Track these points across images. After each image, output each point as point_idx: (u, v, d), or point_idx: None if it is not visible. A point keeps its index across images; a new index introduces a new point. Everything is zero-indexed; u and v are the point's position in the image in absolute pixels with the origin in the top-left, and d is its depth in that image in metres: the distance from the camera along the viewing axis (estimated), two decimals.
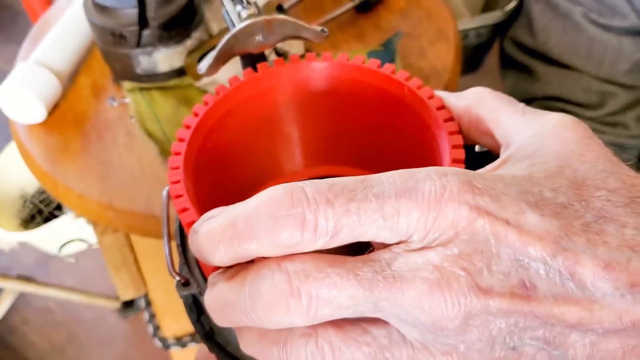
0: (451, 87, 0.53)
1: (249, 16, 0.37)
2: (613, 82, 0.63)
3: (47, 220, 0.69)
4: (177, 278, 0.34)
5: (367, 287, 0.22)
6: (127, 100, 0.53)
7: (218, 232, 0.24)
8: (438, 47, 0.56)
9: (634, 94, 0.65)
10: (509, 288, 0.22)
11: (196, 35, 0.52)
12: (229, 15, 0.40)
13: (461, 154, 0.32)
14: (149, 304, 0.71)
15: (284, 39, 0.38)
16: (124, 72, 0.53)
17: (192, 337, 0.62)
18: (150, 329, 0.65)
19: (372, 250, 0.25)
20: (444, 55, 0.55)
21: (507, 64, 0.73)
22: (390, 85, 0.37)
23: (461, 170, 0.24)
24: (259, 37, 0.37)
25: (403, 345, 0.23)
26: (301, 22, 0.38)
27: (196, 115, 0.36)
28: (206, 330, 0.36)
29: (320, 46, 0.57)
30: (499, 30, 0.71)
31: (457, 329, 0.22)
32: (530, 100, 0.70)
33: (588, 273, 0.21)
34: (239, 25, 0.36)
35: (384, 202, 0.22)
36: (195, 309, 0.36)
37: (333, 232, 0.22)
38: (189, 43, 0.52)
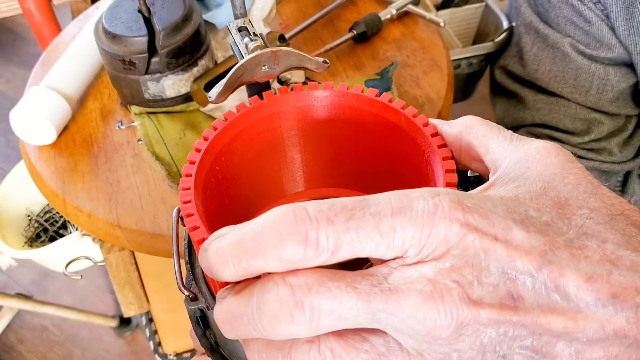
0: (444, 114, 0.56)
1: (256, 47, 0.40)
2: (599, 110, 0.66)
3: (52, 239, 0.70)
4: (186, 293, 0.36)
5: (365, 299, 0.24)
6: (135, 123, 0.56)
7: (227, 250, 0.26)
8: (432, 76, 0.59)
9: (618, 122, 0.67)
10: (498, 299, 0.24)
11: (202, 63, 0.55)
12: (236, 45, 0.42)
13: (454, 177, 0.35)
14: (150, 320, 0.73)
15: (289, 69, 0.41)
16: (132, 97, 0.55)
17: (192, 354, 0.63)
18: (152, 345, 0.67)
19: (370, 266, 0.27)
20: (437, 84, 0.58)
21: (498, 91, 0.76)
22: (387, 113, 0.39)
23: (452, 191, 0.26)
24: (265, 67, 0.40)
25: (400, 353, 0.26)
26: (305, 54, 0.40)
27: (206, 139, 0.38)
28: (211, 343, 0.37)
29: (320, 75, 0.60)
30: (490, 60, 0.74)
31: (450, 338, 0.24)
32: (519, 126, 0.72)
33: (572, 285, 0.23)
34: (247, 57, 0.39)
35: (381, 220, 0.25)
36: (202, 323, 0.38)
37: (334, 249, 0.25)
38: (196, 70, 0.54)
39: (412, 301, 0.24)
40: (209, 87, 0.54)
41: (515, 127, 0.73)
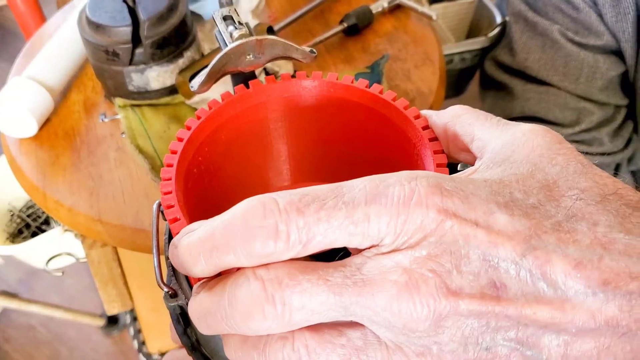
0: (436, 108, 0.55)
1: (241, 36, 0.38)
2: (589, 99, 0.65)
3: (34, 234, 0.69)
4: (165, 289, 0.35)
5: (337, 292, 0.23)
6: (119, 116, 0.54)
7: (198, 245, 0.25)
8: (423, 70, 0.57)
9: (607, 111, 0.67)
10: (478, 289, 0.22)
11: (188, 55, 0.53)
12: (221, 34, 0.41)
13: (445, 172, 0.33)
14: (134, 319, 0.71)
15: (274, 58, 0.39)
16: (116, 89, 0.54)
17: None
18: (135, 344, 0.65)
19: (347, 254, 0.26)
20: (429, 78, 0.57)
21: (487, 84, 0.75)
22: (377, 105, 0.38)
23: (432, 174, 0.25)
24: (250, 57, 0.38)
25: (378, 346, 0.24)
26: (291, 43, 0.39)
27: (189, 128, 0.37)
28: (192, 342, 0.36)
29: (308, 68, 0.59)
30: (483, 55, 0.73)
31: (428, 331, 0.23)
32: (508, 119, 0.71)
33: (559, 272, 0.22)
34: (231, 45, 0.37)
35: (354, 209, 0.23)
36: (182, 320, 0.36)
37: (305, 241, 0.23)
38: (181, 62, 0.53)
39: (387, 293, 0.23)
40: (194, 78, 0.52)
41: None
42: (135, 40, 0.50)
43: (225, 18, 0.41)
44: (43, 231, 0.78)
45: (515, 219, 0.23)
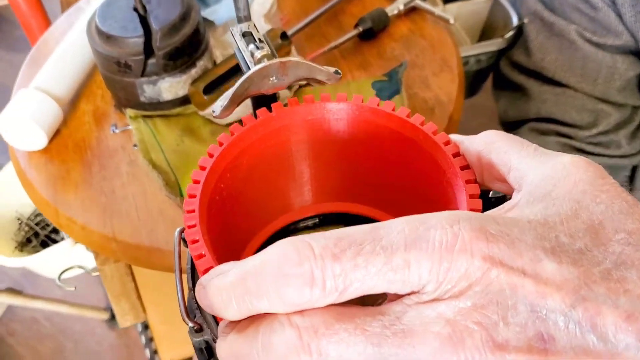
0: (455, 118, 0.53)
1: (263, 56, 0.37)
2: (606, 101, 0.64)
3: (43, 243, 0.68)
4: (190, 325, 0.34)
5: (376, 342, 0.22)
6: (130, 127, 0.53)
7: (229, 289, 0.24)
8: (442, 77, 0.56)
9: (624, 113, 0.66)
10: (526, 341, 0.21)
11: (201, 64, 0.52)
12: (241, 53, 0.39)
13: (478, 204, 0.32)
14: (145, 327, 0.71)
15: (298, 80, 0.38)
16: (127, 100, 0.52)
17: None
18: (147, 353, 0.65)
19: (382, 303, 0.25)
20: (448, 85, 0.55)
21: (502, 84, 0.73)
22: (405, 129, 0.37)
23: (474, 215, 0.24)
24: (273, 79, 0.37)
25: None
26: (315, 64, 0.37)
27: (211, 156, 0.35)
28: None
29: None
30: (499, 57, 0.72)
31: None
32: (524, 120, 0.70)
33: (610, 324, 0.21)
34: (254, 69, 0.36)
35: (393, 254, 0.22)
36: (207, 353, 0.35)
37: (342, 288, 0.22)
38: (194, 71, 0.51)
39: (429, 345, 0.22)
40: (208, 90, 0.51)
41: (519, 121, 0.71)
42: (148, 51, 0.49)
43: (244, 34, 0.40)
44: (52, 239, 0.77)
45: (564, 267, 0.22)
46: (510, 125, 0.72)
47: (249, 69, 0.38)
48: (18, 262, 0.62)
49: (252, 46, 0.38)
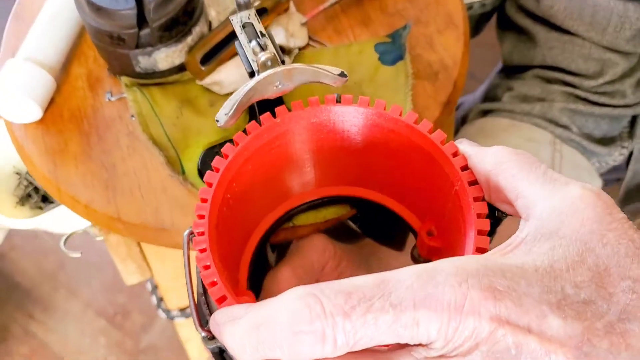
0: (459, 83, 0.52)
1: (267, 60, 0.36)
2: (614, 50, 0.63)
3: (44, 198, 0.68)
4: (203, 334, 0.35)
5: None
6: (125, 95, 0.51)
7: (244, 336, 0.26)
8: (447, 36, 0.54)
9: (632, 61, 0.64)
10: None
11: (197, 30, 0.49)
12: (242, 48, 0.38)
13: (486, 224, 0.33)
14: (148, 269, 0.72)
15: (303, 84, 0.37)
16: (122, 69, 0.50)
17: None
18: (154, 300, 0.67)
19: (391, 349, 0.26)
20: (453, 46, 0.53)
21: (507, 26, 0.71)
22: (412, 135, 0.36)
23: (483, 271, 0.24)
24: (278, 85, 0.36)
25: None
26: (320, 69, 0.36)
27: (217, 170, 0.35)
28: None
29: (323, 33, 0.55)
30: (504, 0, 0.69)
31: None
32: (528, 66, 0.69)
33: None
34: (259, 78, 0.35)
35: (402, 312, 0.23)
36: (221, 356, 0.37)
37: (353, 343, 0.24)
38: (190, 39, 0.49)
39: None
40: (205, 59, 0.49)
41: (524, 67, 0.70)
42: (141, 22, 0.46)
43: (244, 26, 0.38)
44: None
45: (568, 323, 0.24)
46: (515, 69, 0.70)
47: (251, 67, 0.37)
48: (28, 224, 0.62)
49: (254, 44, 0.36)
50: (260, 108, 0.38)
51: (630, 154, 0.71)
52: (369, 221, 0.49)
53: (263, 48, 0.35)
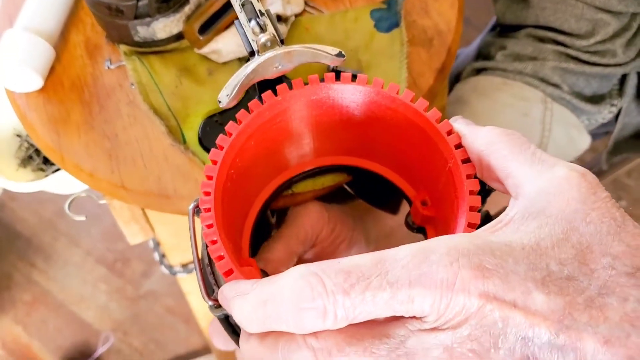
0: (453, 50, 0.53)
1: (267, 41, 0.37)
2: (606, 10, 0.63)
3: (45, 160, 0.69)
4: (210, 303, 0.37)
5: None
6: (124, 63, 0.52)
7: (251, 311, 0.28)
8: (441, 2, 0.54)
9: (623, 20, 0.65)
10: None
11: (194, 0, 0.50)
12: (242, 28, 0.39)
13: (477, 201, 0.35)
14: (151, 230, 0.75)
15: (302, 64, 0.38)
16: (120, 38, 0.51)
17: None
18: (156, 256, 0.69)
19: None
20: (448, 12, 0.54)
21: None
22: (408, 112, 0.38)
23: (473, 250, 0.27)
24: (277, 66, 0.37)
25: None
26: (318, 50, 0.37)
27: (221, 148, 0.37)
28: None
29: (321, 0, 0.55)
30: None
31: None
32: (521, 26, 0.69)
33: (589, 349, 0.25)
34: (259, 60, 0.36)
35: (398, 290, 0.26)
36: (229, 324, 0.39)
37: (352, 317, 0.26)
38: (187, 8, 0.50)
39: None
40: (203, 29, 0.50)
41: (517, 26, 0.70)
42: None
43: (243, 4, 0.39)
44: None
45: (551, 298, 0.26)
46: (508, 28, 0.71)
47: (251, 47, 0.38)
48: (32, 187, 0.63)
49: (254, 23, 0.37)
50: (260, 86, 0.39)
51: (619, 111, 0.73)
52: (365, 188, 0.51)
53: (263, 29, 0.36)
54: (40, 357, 1.37)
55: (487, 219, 0.37)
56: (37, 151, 0.69)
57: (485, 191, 0.37)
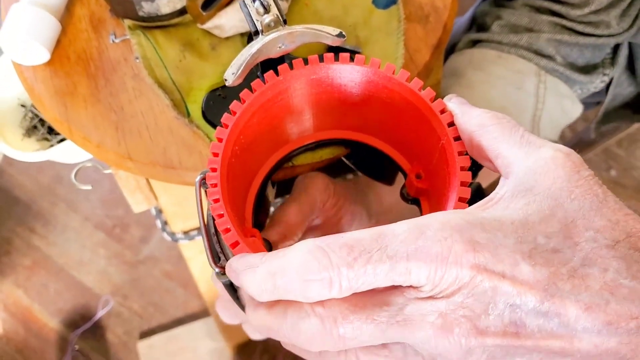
0: (448, 27, 0.55)
1: (270, 22, 0.38)
2: None
3: (50, 130, 0.70)
4: (217, 270, 0.40)
5: (383, 329, 0.29)
6: (129, 37, 0.53)
7: (260, 283, 0.31)
8: None
9: None
10: (502, 327, 0.28)
11: None
12: (246, 7, 0.40)
13: (468, 176, 0.37)
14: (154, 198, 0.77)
15: (304, 44, 0.40)
16: (125, 13, 0.52)
17: (199, 231, 0.69)
18: (159, 223, 0.72)
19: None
20: None
21: None
22: (403, 91, 0.40)
23: (465, 225, 0.29)
24: (280, 46, 0.39)
25: (415, 357, 0.31)
26: (320, 30, 0.39)
27: (226, 126, 0.39)
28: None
29: None
30: None
31: (459, 357, 0.29)
32: None
33: (571, 315, 0.27)
34: (264, 41, 0.37)
35: (397, 263, 0.28)
36: (233, 288, 0.42)
37: (355, 287, 0.29)
38: None
39: (425, 332, 0.29)
40: (206, 5, 0.51)
41: None
42: None
43: None
44: None
45: (537, 269, 0.28)
46: None
47: (255, 27, 0.40)
48: (38, 157, 0.65)
49: (258, 4, 0.39)
50: (262, 65, 0.40)
51: (610, 81, 0.75)
52: (362, 161, 0.53)
53: (267, 9, 0.38)
54: (41, 320, 1.40)
55: (478, 190, 0.39)
56: (42, 121, 0.71)
57: (476, 166, 0.39)
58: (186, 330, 1.33)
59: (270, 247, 0.47)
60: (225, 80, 0.38)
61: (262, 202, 0.50)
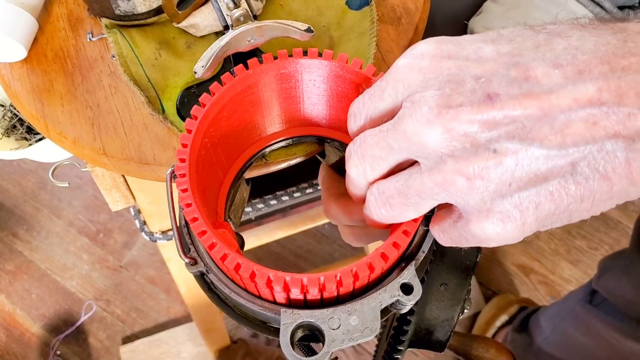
0: (420, 28, 0.56)
1: (240, 16, 0.39)
2: None
3: (29, 130, 0.70)
4: (186, 260, 0.41)
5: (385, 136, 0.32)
6: (106, 35, 0.54)
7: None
8: None
9: None
10: (476, 100, 0.28)
11: None
12: (217, 3, 0.41)
13: None
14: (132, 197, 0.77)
15: (273, 38, 0.41)
16: (102, 11, 0.53)
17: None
18: (137, 223, 0.72)
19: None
20: None
21: None
22: (370, 85, 0.41)
23: (433, 39, 0.31)
24: (250, 40, 0.39)
25: (419, 168, 0.31)
26: (288, 25, 0.40)
27: (195, 118, 0.39)
28: (219, 297, 0.42)
29: None
30: None
31: (444, 143, 0.28)
32: None
33: (540, 73, 0.27)
34: (232, 34, 0.38)
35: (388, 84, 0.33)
36: (205, 281, 0.42)
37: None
38: None
39: (409, 124, 0.30)
40: (181, 3, 0.52)
41: None
42: None
43: None
44: None
45: (500, 46, 0.29)
46: None
47: (225, 22, 0.40)
48: (16, 155, 0.65)
49: (228, 0, 0.39)
50: (235, 59, 0.41)
51: None
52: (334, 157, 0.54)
53: (237, 4, 0.38)
54: (23, 325, 1.40)
55: None
56: (21, 120, 0.71)
57: None
58: (169, 335, 1.32)
59: (242, 242, 0.48)
60: (195, 72, 0.39)
61: (235, 199, 0.50)
